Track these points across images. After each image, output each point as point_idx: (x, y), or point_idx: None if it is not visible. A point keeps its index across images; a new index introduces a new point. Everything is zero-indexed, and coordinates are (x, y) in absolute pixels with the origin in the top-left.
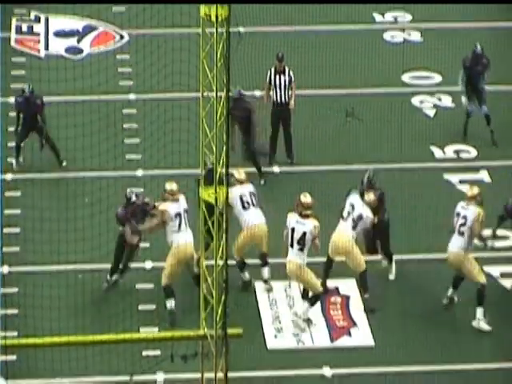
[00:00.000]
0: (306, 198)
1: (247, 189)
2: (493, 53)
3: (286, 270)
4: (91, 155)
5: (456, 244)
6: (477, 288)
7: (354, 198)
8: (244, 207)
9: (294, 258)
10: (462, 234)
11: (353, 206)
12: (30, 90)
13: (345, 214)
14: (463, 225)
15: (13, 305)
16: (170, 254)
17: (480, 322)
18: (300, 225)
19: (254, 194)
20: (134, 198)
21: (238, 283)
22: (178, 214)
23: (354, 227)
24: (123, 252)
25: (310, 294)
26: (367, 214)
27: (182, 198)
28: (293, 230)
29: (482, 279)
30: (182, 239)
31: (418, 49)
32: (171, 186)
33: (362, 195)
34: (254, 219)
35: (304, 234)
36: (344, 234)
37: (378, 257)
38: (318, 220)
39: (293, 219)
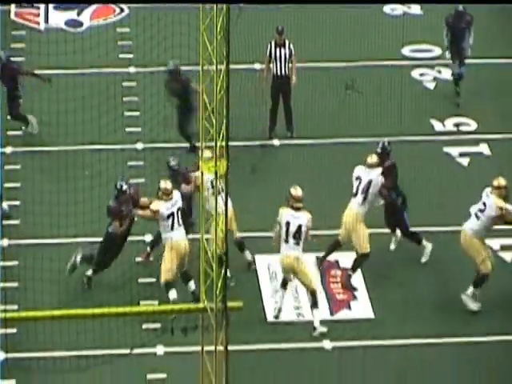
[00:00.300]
0: (296, 191)
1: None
2: (492, 27)
3: (281, 266)
4: (91, 128)
5: (468, 225)
6: (478, 272)
7: (358, 171)
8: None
9: (290, 252)
10: (477, 217)
11: (359, 179)
12: (6, 55)
13: (354, 190)
14: (481, 211)
15: (13, 278)
16: (167, 249)
17: (467, 299)
18: (295, 218)
19: None
20: (124, 187)
21: (238, 257)
22: (171, 215)
23: (364, 200)
24: (109, 250)
25: (306, 293)
26: (375, 174)
27: (176, 195)
28: (287, 223)
29: (485, 269)
30: (178, 235)
31: (417, 22)
32: (166, 184)
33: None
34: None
35: (299, 226)
36: (351, 211)
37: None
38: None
39: (286, 214)
